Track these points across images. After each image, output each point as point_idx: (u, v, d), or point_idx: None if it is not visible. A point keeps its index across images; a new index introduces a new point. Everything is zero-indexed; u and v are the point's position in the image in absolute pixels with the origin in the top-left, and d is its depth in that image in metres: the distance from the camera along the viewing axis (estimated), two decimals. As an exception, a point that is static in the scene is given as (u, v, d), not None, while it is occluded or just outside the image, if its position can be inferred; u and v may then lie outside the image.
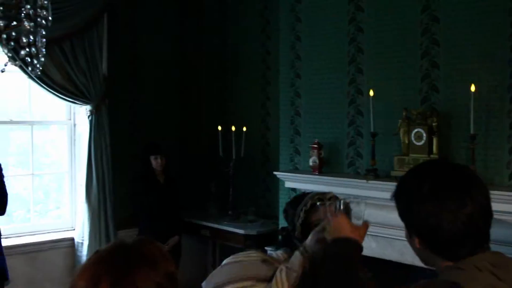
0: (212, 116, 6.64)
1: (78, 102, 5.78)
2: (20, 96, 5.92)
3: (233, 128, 6.01)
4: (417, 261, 3.81)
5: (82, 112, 5.95)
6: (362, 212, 1.96)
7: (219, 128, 6.07)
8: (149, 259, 1.48)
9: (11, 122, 5.92)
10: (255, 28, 6.30)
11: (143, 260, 1.47)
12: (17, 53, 2.48)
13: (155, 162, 5.79)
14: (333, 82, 4.96)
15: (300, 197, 2.71)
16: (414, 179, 1.77)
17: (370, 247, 4.54)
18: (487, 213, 1.66)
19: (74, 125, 6.13)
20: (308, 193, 2.65)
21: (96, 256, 1.50)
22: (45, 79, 5.44)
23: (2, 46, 2.26)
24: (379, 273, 4.60)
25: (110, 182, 5.84)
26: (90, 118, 5.81)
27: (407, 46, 4.47)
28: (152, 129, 6.39)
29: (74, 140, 6.11)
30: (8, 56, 2.36)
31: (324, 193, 2.64)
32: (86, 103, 5.78)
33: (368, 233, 4.45)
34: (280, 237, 2.82)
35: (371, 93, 4.44)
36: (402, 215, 1.76)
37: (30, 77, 5.32)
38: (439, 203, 1.63)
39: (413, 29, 4.42)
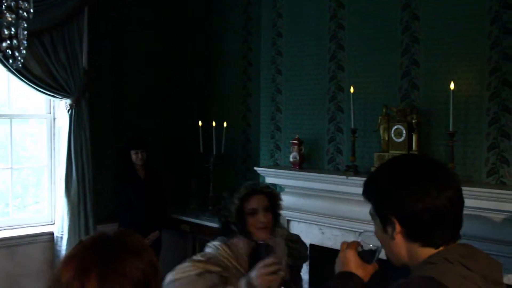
0: (194, 111, 6.63)
1: (57, 96, 5.74)
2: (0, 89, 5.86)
3: (214, 124, 6.01)
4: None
5: (62, 106, 5.91)
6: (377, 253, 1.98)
7: (200, 123, 6.07)
8: (133, 249, 1.51)
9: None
10: (237, 24, 6.30)
11: (127, 249, 1.50)
12: (-2, 45, 2.47)
13: (135, 156, 5.78)
14: (314, 78, 4.98)
15: (238, 186, 2.97)
16: (392, 167, 1.83)
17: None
18: (461, 198, 1.73)
19: (54, 119, 6.08)
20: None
21: (81, 247, 1.51)
22: (25, 72, 5.39)
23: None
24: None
25: (90, 177, 5.81)
26: (69, 112, 5.76)
27: (388, 43, 4.51)
28: (134, 124, 6.37)
29: (54, 134, 6.07)
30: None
31: (256, 184, 2.95)
32: (65, 96, 5.74)
33: (348, 228, 4.54)
34: (219, 223, 3.02)
35: (352, 89, 4.47)
36: (379, 204, 1.78)
37: (9, 70, 5.28)
38: (421, 187, 1.68)
39: (394, 27, 4.46)
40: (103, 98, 6.21)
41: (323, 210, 4.78)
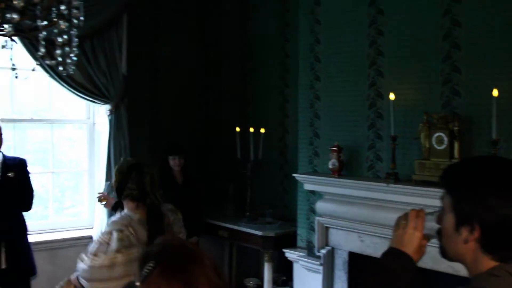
0: (231, 117, 6.65)
1: (97, 101, 5.82)
2: (40, 95, 5.96)
3: (252, 130, 6.02)
4: (437, 266, 3.82)
5: (101, 111, 5.99)
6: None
7: (237, 129, 6.08)
8: (198, 258, 1.56)
9: (31, 120, 5.97)
10: (275, 30, 6.32)
11: (193, 258, 1.54)
12: (50, 52, 2.52)
13: (173, 162, 5.82)
14: (353, 85, 4.95)
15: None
16: (482, 166, 1.67)
17: (389, 251, 4.54)
18: None
19: (94, 124, 6.17)
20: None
21: (161, 268, 1.52)
22: (66, 78, 5.48)
23: (38, 46, 2.28)
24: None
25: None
26: (109, 117, 5.84)
27: (428, 50, 4.45)
28: (172, 129, 6.41)
29: (93, 139, 6.15)
30: (41, 56, 2.38)
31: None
32: (105, 102, 5.83)
33: (388, 236, 4.48)
34: None
35: (392, 96, 4.43)
36: (462, 202, 1.62)
37: (51, 76, 5.38)
38: (509, 194, 1.55)
39: (435, 33, 4.40)
40: (141, 103, 6.27)
41: (363, 217, 4.74)
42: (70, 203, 6.34)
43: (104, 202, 4.69)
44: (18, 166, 4.69)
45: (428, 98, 4.45)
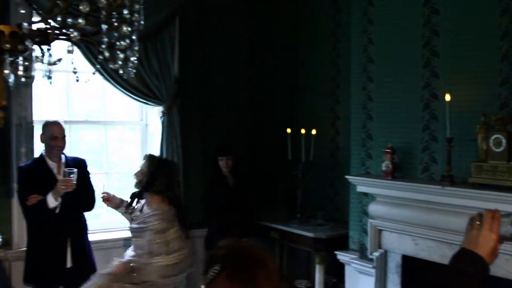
0: (282, 118, 6.65)
1: (150, 103, 5.90)
2: (94, 97, 6.07)
3: (303, 131, 6.00)
4: (499, 272, 3.73)
5: (154, 113, 6.06)
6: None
7: (288, 130, 6.07)
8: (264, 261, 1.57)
9: (86, 122, 6.08)
10: (326, 30, 6.29)
11: (263, 263, 1.56)
12: (112, 56, 2.56)
13: (222, 163, 5.83)
14: (407, 86, 4.88)
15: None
16: None
17: (445, 255, 4.47)
18: None
19: (146, 125, 6.25)
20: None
21: (227, 272, 1.54)
22: (120, 81, 5.56)
23: (100, 51, 2.32)
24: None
25: (181, 182, 5.92)
26: (162, 118, 5.91)
27: (485, 49, 4.36)
28: (223, 130, 6.43)
29: (146, 140, 6.23)
30: (103, 60, 2.42)
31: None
32: (158, 104, 5.89)
33: (443, 240, 4.42)
34: None
35: (447, 97, 4.36)
36: None
37: (105, 78, 5.47)
38: None
39: (492, 32, 4.30)
40: (193, 105, 6.31)
41: (417, 220, 4.67)
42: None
43: (107, 202, 4.91)
44: (79, 167, 4.75)
45: (485, 99, 4.35)
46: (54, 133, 4.63)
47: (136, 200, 4.97)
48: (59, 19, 2.37)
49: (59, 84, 5.63)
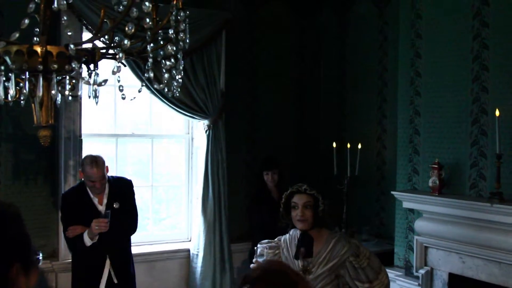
0: (328, 132, 6.61)
1: (196, 117, 5.93)
2: (141, 110, 6.14)
3: (348, 145, 5.95)
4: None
5: (199, 126, 6.10)
6: None
7: (334, 144, 6.03)
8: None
9: (133, 135, 6.16)
10: (373, 44, 6.24)
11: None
12: (156, 75, 2.59)
13: (267, 177, 5.82)
14: (455, 100, 4.80)
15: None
16: None
17: (493, 274, 4.36)
18: None
19: (192, 139, 6.29)
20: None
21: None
22: (166, 95, 5.60)
23: (146, 70, 2.35)
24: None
25: (226, 196, 5.94)
26: (207, 132, 5.94)
27: (537, 63, 4.26)
28: (268, 144, 6.43)
29: (192, 153, 6.27)
30: (149, 79, 2.45)
31: (301, 185, 3.58)
32: (204, 117, 5.92)
33: (491, 258, 4.31)
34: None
35: (497, 112, 4.26)
36: None
37: (152, 92, 5.53)
38: None
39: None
40: (239, 118, 6.33)
41: (464, 238, 4.57)
42: (167, 215, 6.48)
43: None
44: (123, 191, 4.70)
45: (537, 115, 4.24)
46: (91, 178, 4.46)
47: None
48: (106, 38, 2.41)
49: (107, 98, 5.72)
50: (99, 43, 2.50)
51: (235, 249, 6.00)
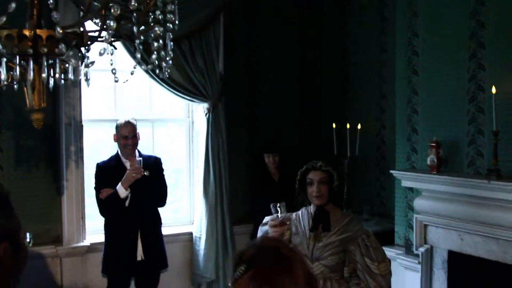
0: (328, 113, 6.63)
1: (195, 100, 5.95)
2: (141, 95, 6.16)
3: (348, 126, 5.97)
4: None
5: (199, 110, 6.12)
6: None
7: (334, 125, 6.04)
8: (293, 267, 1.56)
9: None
10: (372, 24, 6.24)
11: (290, 269, 1.55)
12: (146, 57, 2.62)
13: (268, 160, 5.86)
14: (452, 78, 4.80)
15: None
16: None
17: (492, 250, 4.39)
18: None
19: (192, 122, 6.31)
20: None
21: (251, 274, 1.55)
22: (166, 79, 5.61)
23: (130, 52, 2.37)
24: (499, 278, 4.47)
25: (227, 179, 5.97)
26: (207, 115, 5.95)
27: (534, 40, 4.26)
28: (269, 127, 6.45)
29: (192, 136, 6.30)
30: (138, 61, 2.48)
31: (316, 162, 3.57)
32: (203, 101, 5.94)
33: (489, 235, 4.34)
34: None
35: (494, 90, 4.27)
36: None
37: (151, 76, 5.54)
38: None
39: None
40: (239, 101, 6.34)
41: (463, 215, 4.60)
42: (172, 199, 6.51)
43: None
44: (154, 164, 4.99)
45: (533, 91, 4.25)
46: (124, 133, 4.84)
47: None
48: (97, 21, 2.43)
49: (107, 83, 5.74)
50: (91, 27, 2.53)
51: (237, 231, 6.03)
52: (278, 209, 3.49)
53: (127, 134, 4.83)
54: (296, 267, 1.55)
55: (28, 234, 1.64)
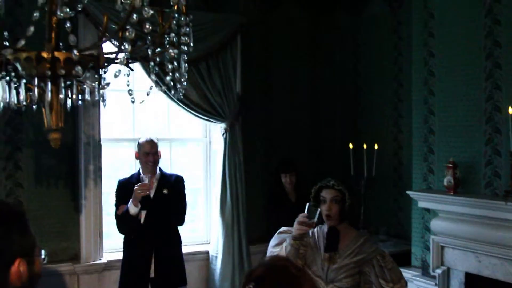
0: (344, 133, 6.64)
1: (213, 120, 6.00)
2: (160, 115, 6.23)
3: (365, 146, 5.97)
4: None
5: (217, 130, 6.16)
6: None
7: (351, 145, 6.05)
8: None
9: (152, 139, 6.23)
10: (388, 44, 6.26)
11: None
12: (162, 78, 2.67)
13: (285, 179, 5.87)
14: (468, 99, 4.79)
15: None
16: None
17: (510, 273, 4.35)
18: None
19: (210, 142, 6.36)
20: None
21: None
22: (183, 99, 5.67)
23: (147, 72, 2.42)
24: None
25: (244, 198, 5.99)
26: (224, 135, 6.00)
27: (550, 60, 4.24)
28: (285, 147, 6.46)
29: (209, 156, 6.34)
30: (154, 81, 2.53)
31: (330, 180, 3.56)
32: (220, 121, 5.98)
33: (507, 257, 4.29)
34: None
35: (510, 110, 4.25)
36: None
37: (169, 97, 5.60)
38: None
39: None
40: (255, 122, 6.37)
41: (480, 237, 4.56)
42: (189, 218, 6.53)
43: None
44: (174, 183, 5.01)
45: (550, 112, 4.22)
46: (146, 149, 4.87)
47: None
48: (115, 43, 2.48)
49: (126, 102, 5.81)
50: (109, 49, 2.59)
51: (254, 250, 6.04)
52: (314, 211, 3.45)
53: (148, 150, 4.87)
54: (304, 286, 1.56)
55: (43, 251, 1.67)
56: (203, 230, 6.33)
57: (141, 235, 4.82)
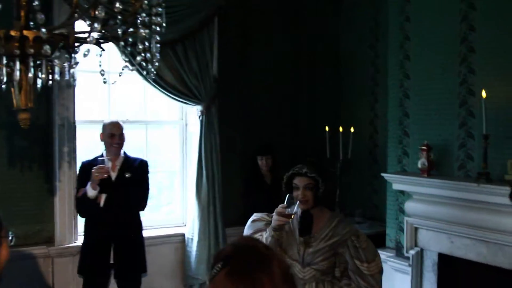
0: (321, 117, 6.65)
1: (189, 103, 5.96)
2: (135, 97, 6.18)
3: (341, 129, 5.99)
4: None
5: (193, 112, 6.13)
6: None
7: (327, 128, 6.07)
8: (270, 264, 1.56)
9: (127, 122, 6.17)
10: (365, 29, 6.27)
11: (267, 265, 1.55)
12: (134, 58, 2.65)
13: (261, 162, 5.89)
14: (443, 82, 4.83)
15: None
16: None
17: (481, 253, 4.42)
18: None
19: (186, 124, 6.33)
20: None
21: (227, 271, 1.55)
22: (159, 81, 5.64)
23: (120, 52, 2.40)
24: (489, 281, 4.50)
25: (219, 181, 5.98)
26: (200, 118, 5.97)
27: (523, 44, 4.29)
28: (262, 129, 6.45)
29: (186, 139, 6.31)
30: (125, 61, 2.50)
31: (302, 167, 3.50)
32: (197, 103, 5.95)
33: (479, 238, 4.36)
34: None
35: (484, 94, 4.29)
36: None
37: (145, 78, 5.54)
38: None
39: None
40: (232, 104, 6.34)
41: (453, 218, 4.62)
42: (166, 201, 6.52)
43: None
44: (137, 167, 4.92)
45: (523, 95, 4.27)
46: (111, 131, 4.79)
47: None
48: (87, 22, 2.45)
49: (101, 85, 5.75)
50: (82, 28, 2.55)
51: (230, 233, 6.03)
52: (294, 202, 3.42)
53: (114, 132, 4.79)
54: (273, 264, 1.55)
55: (10, 233, 1.66)
56: (179, 212, 6.32)
57: (100, 219, 4.72)
